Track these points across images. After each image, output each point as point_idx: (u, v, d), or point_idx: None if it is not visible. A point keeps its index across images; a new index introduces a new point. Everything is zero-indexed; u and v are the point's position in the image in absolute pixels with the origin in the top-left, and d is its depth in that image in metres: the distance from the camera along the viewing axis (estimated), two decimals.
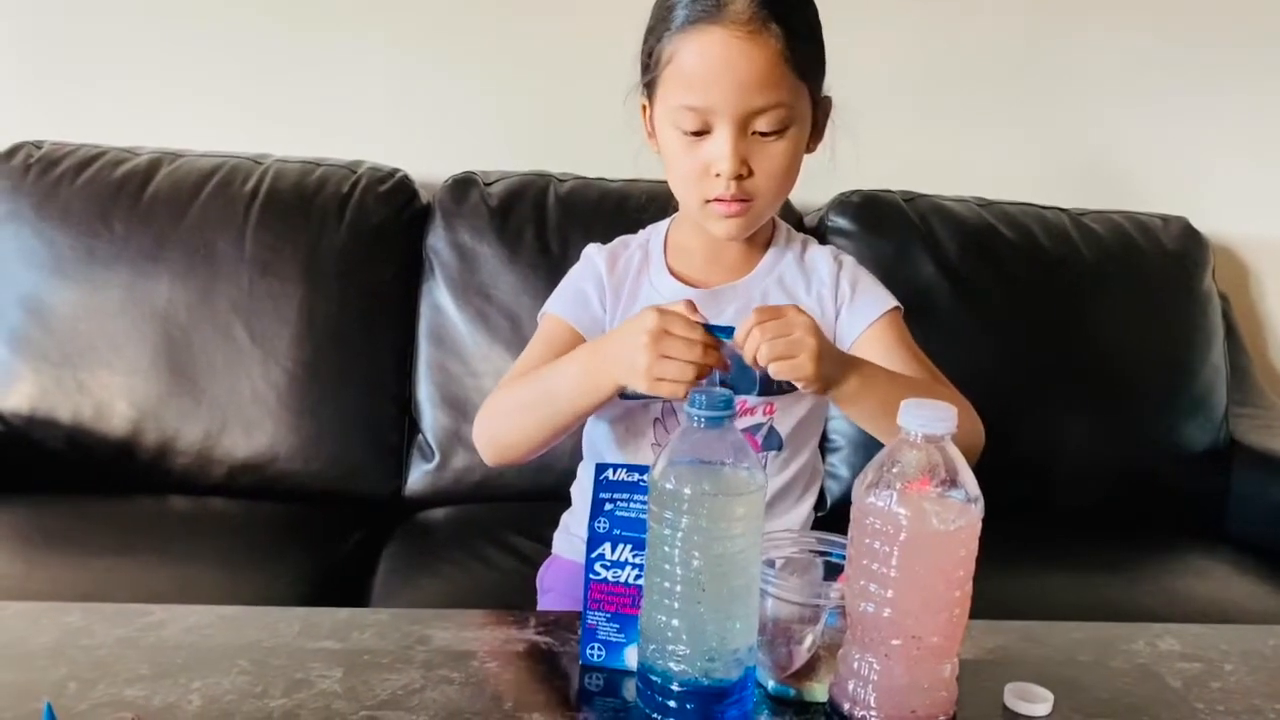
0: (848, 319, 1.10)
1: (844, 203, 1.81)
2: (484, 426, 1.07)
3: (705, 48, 0.95)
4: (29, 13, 1.82)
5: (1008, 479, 1.64)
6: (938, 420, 0.68)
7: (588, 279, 1.12)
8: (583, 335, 1.08)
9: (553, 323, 1.11)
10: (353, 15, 1.86)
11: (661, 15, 1.00)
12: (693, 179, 1.01)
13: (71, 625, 0.82)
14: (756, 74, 0.95)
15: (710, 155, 0.99)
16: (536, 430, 1.02)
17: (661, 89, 1.01)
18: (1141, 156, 2.04)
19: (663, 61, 0.99)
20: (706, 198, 1.02)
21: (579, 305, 1.10)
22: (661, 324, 0.88)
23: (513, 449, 1.05)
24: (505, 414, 1.05)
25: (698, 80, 0.96)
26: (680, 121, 0.99)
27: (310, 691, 0.74)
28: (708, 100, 0.97)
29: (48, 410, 1.60)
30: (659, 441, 1.07)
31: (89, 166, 1.68)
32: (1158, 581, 1.54)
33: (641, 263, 1.12)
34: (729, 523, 0.70)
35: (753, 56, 0.95)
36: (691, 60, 0.96)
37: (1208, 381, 1.82)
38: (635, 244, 1.15)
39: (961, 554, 0.69)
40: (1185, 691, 0.82)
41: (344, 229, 1.68)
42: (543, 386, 1.01)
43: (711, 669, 0.71)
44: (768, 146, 0.99)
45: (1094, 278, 1.80)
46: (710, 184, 1.00)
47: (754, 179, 1.00)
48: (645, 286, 1.11)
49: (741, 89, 0.95)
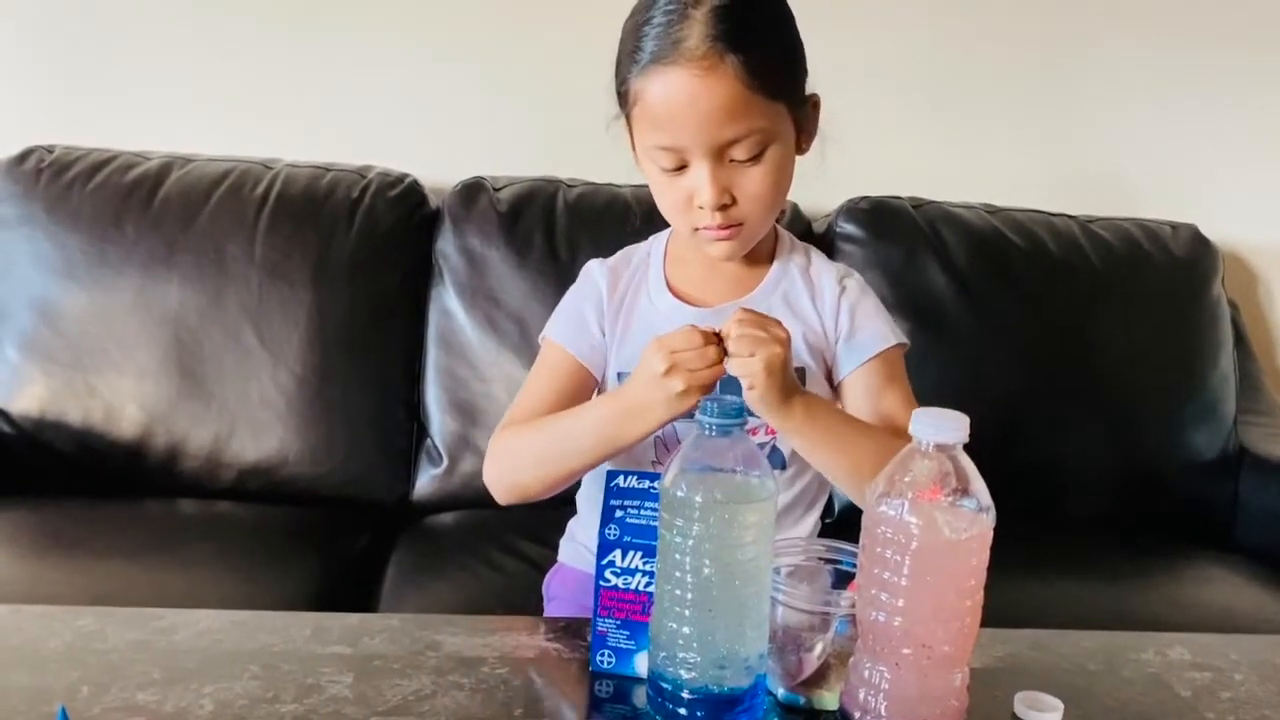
0: (844, 354, 1.07)
1: (852, 209, 1.81)
2: (499, 473, 1.06)
3: (666, 88, 0.94)
4: (41, 18, 1.83)
5: (1016, 486, 1.64)
6: (950, 429, 0.68)
7: (588, 300, 1.11)
8: (583, 364, 1.08)
9: (553, 351, 1.10)
10: (363, 21, 1.86)
11: (628, 50, 0.98)
12: (679, 210, 1.01)
13: (84, 629, 0.82)
14: (720, 108, 0.93)
15: (692, 187, 0.98)
16: (555, 481, 1.03)
17: (635, 125, 1.00)
18: (1150, 164, 2.04)
19: (631, 100, 0.98)
20: (695, 226, 1.01)
21: (578, 332, 1.09)
22: (665, 358, 0.88)
23: (530, 495, 1.05)
24: (521, 465, 1.04)
25: (664, 120, 0.95)
26: (656, 159, 0.98)
27: (321, 696, 0.75)
28: (678, 139, 0.96)
29: (58, 413, 1.61)
30: (659, 459, 1.07)
31: (100, 171, 1.68)
32: (1167, 590, 1.54)
33: (641, 279, 1.11)
34: (740, 530, 0.71)
35: (714, 92, 0.92)
36: (655, 102, 0.95)
37: (1217, 389, 1.81)
38: (637, 258, 1.14)
39: (973, 563, 0.69)
40: (1195, 701, 0.82)
41: (353, 234, 1.69)
42: (561, 442, 1.00)
43: (722, 676, 0.71)
44: (748, 171, 0.98)
45: (1103, 285, 1.80)
46: (696, 214, 1.00)
47: (739, 205, 0.99)
48: (644, 304, 1.10)
49: (709, 125, 0.94)
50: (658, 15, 0.95)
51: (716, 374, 0.89)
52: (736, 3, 0.94)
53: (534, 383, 1.10)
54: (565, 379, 1.08)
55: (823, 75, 1.05)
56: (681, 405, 0.90)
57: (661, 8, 0.95)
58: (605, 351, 1.09)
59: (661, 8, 0.95)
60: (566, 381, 1.08)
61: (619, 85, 1.00)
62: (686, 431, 0.90)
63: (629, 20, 0.99)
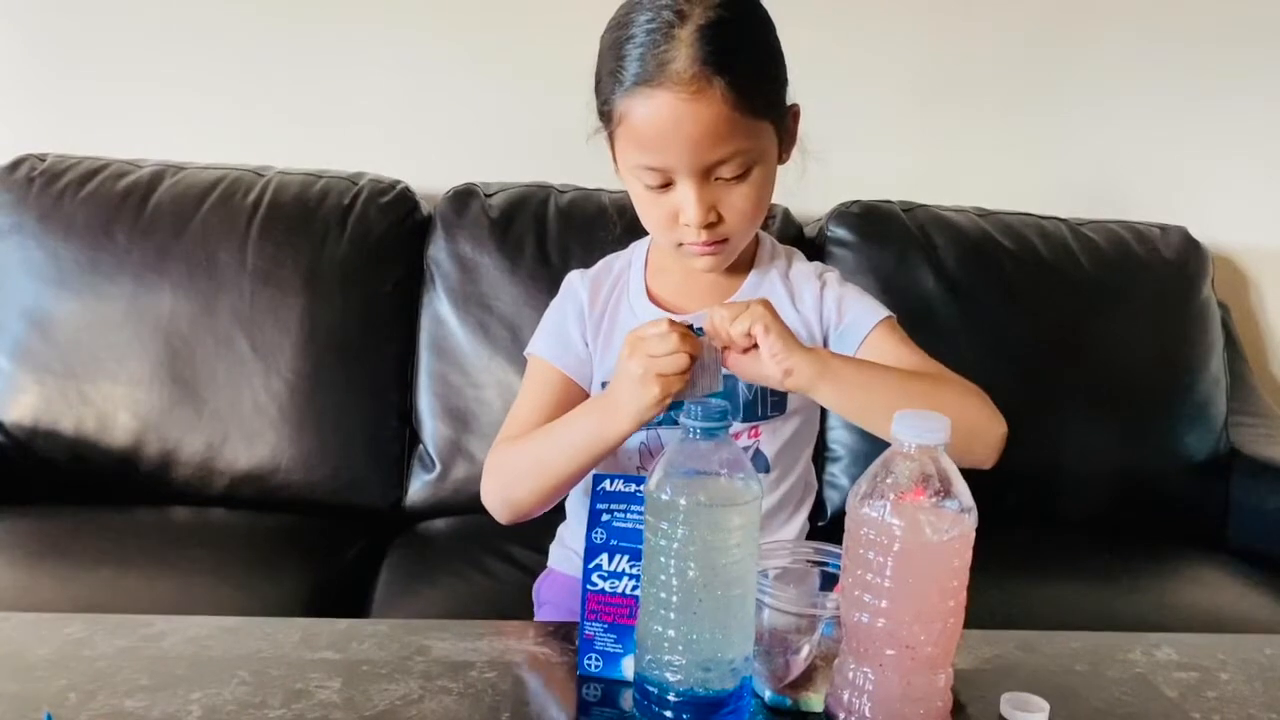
0: (838, 342, 1.08)
1: (843, 213, 1.81)
2: (496, 490, 1.06)
3: (652, 111, 0.93)
4: (32, 26, 1.83)
5: (1007, 488, 1.66)
6: (931, 430, 0.68)
7: (570, 314, 1.11)
8: (571, 378, 1.09)
9: (541, 367, 1.11)
10: (354, 28, 1.87)
11: (610, 67, 0.96)
12: (663, 226, 1.01)
13: (72, 636, 0.83)
14: (707, 132, 0.93)
15: (677, 205, 0.98)
16: (546, 491, 1.03)
17: (619, 143, 0.99)
18: (1140, 166, 2.04)
19: (615, 119, 0.97)
20: (679, 242, 1.02)
21: (563, 347, 1.10)
22: (638, 348, 0.89)
23: (525, 509, 1.05)
24: (513, 479, 1.04)
25: (650, 143, 0.95)
26: (641, 178, 0.98)
27: (309, 702, 0.75)
28: (664, 161, 0.95)
29: (50, 421, 1.61)
30: (643, 466, 1.07)
31: (92, 179, 1.68)
32: (1157, 591, 1.54)
33: (622, 289, 1.12)
34: (725, 533, 0.71)
35: (701, 116, 0.92)
36: (640, 124, 0.94)
37: (1207, 391, 1.82)
38: (618, 267, 1.14)
39: (955, 564, 0.70)
40: (1181, 701, 0.82)
41: (345, 240, 1.69)
42: (548, 450, 1.00)
43: (708, 679, 0.71)
44: (734, 189, 0.98)
45: (1093, 288, 1.80)
46: (681, 231, 1.00)
47: (724, 223, 0.99)
48: (625, 312, 1.10)
49: (695, 147, 0.94)
50: (640, 33, 0.93)
51: (677, 362, 0.88)
52: (721, 19, 0.93)
53: (524, 400, 1.11)
54: (554, 394, 1.09)
55: (812, 79, 1.05)
56: (644, 392, 0.89)
57: (643, 25, 0.93)
58: (590, 363, 1.10)
59: (643, 25, 0.93)
60: (556, 396, 1.09)
61: (601, 103, 0.99)
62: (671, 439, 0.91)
63: (608, 34, 0.98)
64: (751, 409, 1.06)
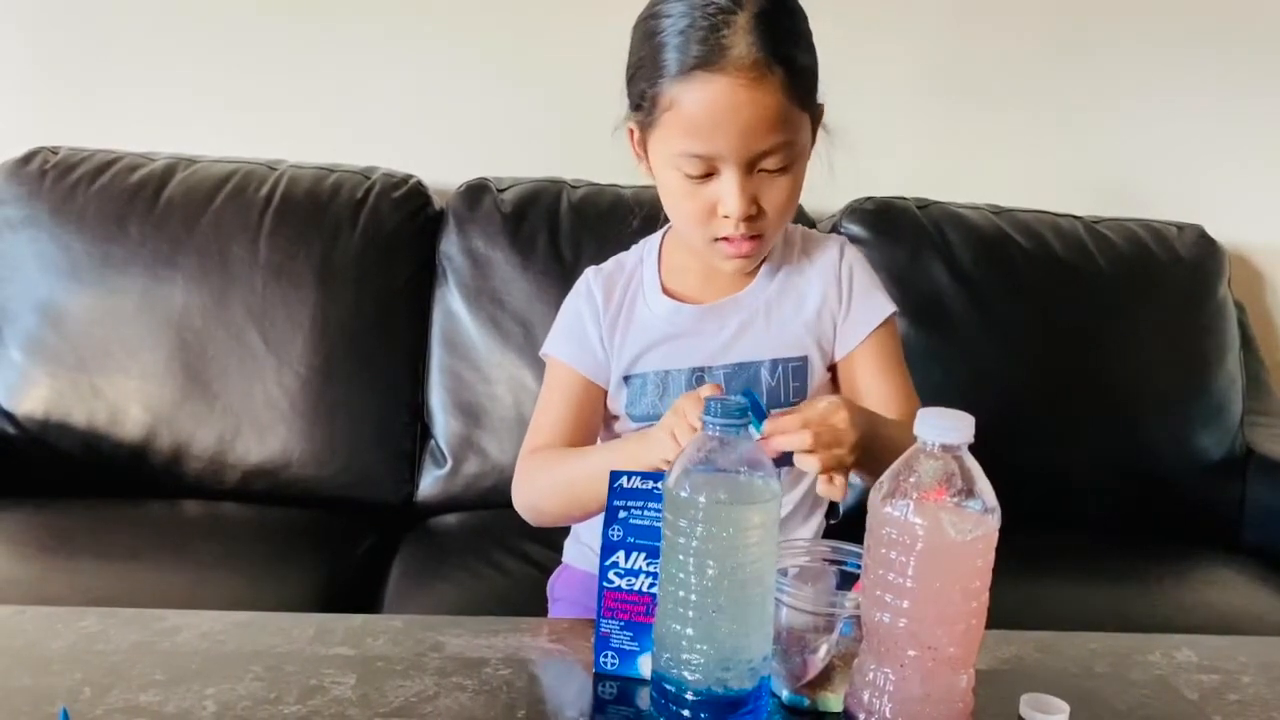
0: (846, 330, 1.08)
1: (857, 209, 1.80)
2: (527, 499, 1.09)
3: (710, 97, 0.92)
4: (45, 20, 1.83)
5: (1021, 488, 1.63)
6: (954, 429, 0.67)
7: (586, 316, 1.11)
8: (592, 381, 1.10)
9: (561, 370, 1.11)
10: (367, 22, 1.86)
11: (650, 55, 0.95)
12: (699, 219, 1.00)
13: (87, 630, 0.82)
14: (763, 119, 0.93)
15: (717, 197, 0.97)
16: (580, 514, 1.08)
17: (660, 131, 0.97)
18: (1156, 164, 2.03)
19: (660, 107, 0.96)
20: (714, 236, 1.00)
21: (582, 349, 1.10)
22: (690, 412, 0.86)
23: (557, 523, 1.11)
24: (546, 495, 1.07)
25: (703, 129, 0.94)
26: (683, 166, 0.97)
27: (324, 698, 0.74)
28: (713, 148, 0.94)
29: (63, 415, 1.61)
30: None
31: (105, 172, 1.68)
32: (1173, 592, 1.54)
33: (636, 284, 1.11)
34: (744, 532, 0.70)
35: (759, 103, 0.92)
36: (694, 110, 0.93)
37: (1223, 390, 1.81)
38: (630, 264, 1.14)
39: (978, 564, 0.69)
40: (1202, 704, 0.81)
41: (357, 235, 1.69)
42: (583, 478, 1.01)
43: (726, 678, 0.71)
44: (775, 181, 0.97)
45: (1108, 286, 1.79)
46: (718, 224, 0.99)
47: (763, 216, 0.98)
48: (640, 308, 1.10)
49: (748, 135, 0.93)
50: (694, 19, 0.92)
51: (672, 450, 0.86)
52: (776, 9, 0.93)
53: (547, 404, 1.12)
54: (576, 398, 1.10)
55: (828, 75, 1.04)
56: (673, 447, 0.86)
57: (697, 9, 0.92)
58: (608, 361, 1.10)
59: (697, 9, 0.92)
60: (578, 399, 1.10)
61: (644, 90, 0.97)
62: None
63: (648, 22, 0.97)
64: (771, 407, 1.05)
